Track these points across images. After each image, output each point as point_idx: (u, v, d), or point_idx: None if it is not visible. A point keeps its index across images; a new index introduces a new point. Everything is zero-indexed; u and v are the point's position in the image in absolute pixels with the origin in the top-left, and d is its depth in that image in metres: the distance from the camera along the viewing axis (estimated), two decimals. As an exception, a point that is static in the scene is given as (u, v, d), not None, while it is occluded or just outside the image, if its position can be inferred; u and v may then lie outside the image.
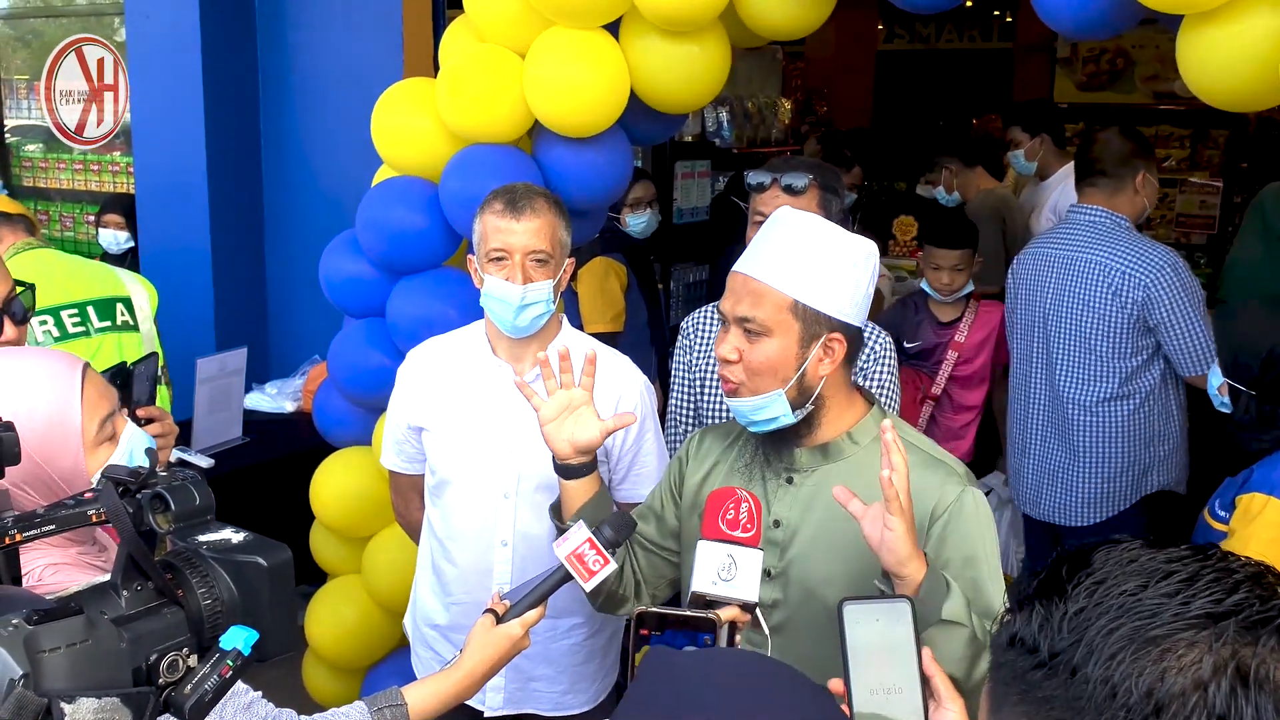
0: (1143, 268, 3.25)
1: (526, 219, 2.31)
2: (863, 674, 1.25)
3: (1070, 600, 0.82)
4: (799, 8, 2.84)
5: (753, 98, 7.08)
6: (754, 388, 1.74)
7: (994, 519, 1.80)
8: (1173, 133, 7.49)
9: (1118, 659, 0.77)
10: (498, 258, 2.33)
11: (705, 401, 2.78)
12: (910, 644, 1.27)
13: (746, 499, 1.61)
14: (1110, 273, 3.29)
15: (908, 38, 9.68)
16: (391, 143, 3.23)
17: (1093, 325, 3.34)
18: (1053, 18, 2.60)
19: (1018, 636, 0.85)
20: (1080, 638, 0.80)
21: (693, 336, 2.83)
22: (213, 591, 1.12)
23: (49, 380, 1.47)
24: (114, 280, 3.50)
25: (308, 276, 3.84)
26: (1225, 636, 0.76)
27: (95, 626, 1.01)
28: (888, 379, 2.63)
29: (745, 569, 1.56)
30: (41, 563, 1.40)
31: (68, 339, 3.31)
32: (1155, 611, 0.78)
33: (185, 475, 1.12)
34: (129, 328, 3.47)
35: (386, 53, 4.42)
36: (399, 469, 2.62)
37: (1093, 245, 3.37)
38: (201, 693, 1.07)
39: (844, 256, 1.74)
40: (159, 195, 4.90)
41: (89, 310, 3.39)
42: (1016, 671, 0.84)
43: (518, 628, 1.76)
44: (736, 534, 1.59)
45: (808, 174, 2.57)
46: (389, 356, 3.12)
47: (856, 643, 1.26)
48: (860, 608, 1.28)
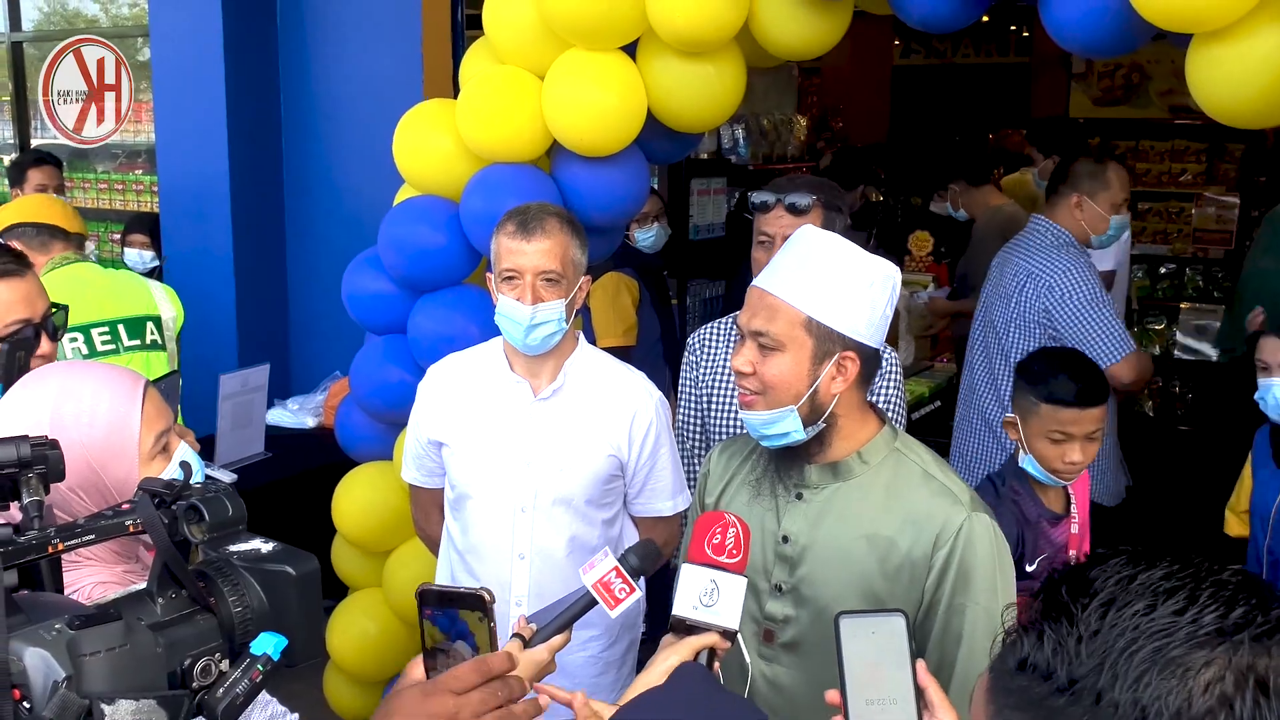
0: (1048, 269, 3.40)
1: (537, 240, 2.36)
2: (859, 686, 1.28)
3: (1081, 623, 0.83)
4: (813, 28, 2.87)
5: (768, 115, 7.11)
6: (767, 402, 1.76)
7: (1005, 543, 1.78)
8: (1189, 147, 7.48)
9: (1144, 681, 0.79)
10: (509, 277, 2.38)
11: (712, 416, 2.80)
12: (905, 656, 1.29)
13: (735, 524, 1.57)
14: (1022, 274, 3.46)
15: (924, 53, 9.68)
16: (413, 162, 3.29)
17: (1013, 325, 3.48)
18: (1064, 37, 2.63)
19: (1029, 661, 0.85)
20: (1101, 662, 0.80)
21: (699, 352, 2.85)
22: (244, 599, 1.15)
23: (113, 392, 1.54)
24: (147, 297, 3.55)
25: (329, 294, 3.90)
26: (1240, 650, 0.78)
27: (133, 632, 1.05)
28: (895, 396, 2.65)
29: (728, 595, 1.53)
30: (91, 580, 1.46)
31: (96, 357, 3.36)
32: (1169, 631, 0.80)
33: (219, 487, 1.16)
34: (157, 346, 3.52)
35: (407, 73, 4.47)
36: (419, 483, 2.66)
37: (1025, 251, 3.54)
38: (233, 696, 1.10)
39: (862, 276, 1.75)
40: (183, 214, 4.97)
41: (119, 328, 3.44)
42: (1032, 698, 0.84)
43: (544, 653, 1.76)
44: (722, 559, 1.55)
45: (811, 194, 2.59)
46: (410, 372, 3.17)
47: (852, 655, 1.29)
48: (856, 621, 1.31)
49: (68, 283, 3.39)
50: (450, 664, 1.19)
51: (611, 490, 2.46)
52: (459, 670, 1.15)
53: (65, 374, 1.58)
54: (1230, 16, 2.29)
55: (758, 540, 1.84)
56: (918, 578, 1.73)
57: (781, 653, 1.82)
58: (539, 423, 2.43)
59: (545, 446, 2.42)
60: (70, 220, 3.68)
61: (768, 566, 1.83)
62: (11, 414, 1.50)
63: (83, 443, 1.45)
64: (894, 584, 1.74)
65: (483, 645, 1.18)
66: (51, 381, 1.55)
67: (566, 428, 2.43)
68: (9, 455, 1.15)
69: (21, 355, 2.18)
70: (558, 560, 2.40)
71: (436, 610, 1.20)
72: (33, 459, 1.16)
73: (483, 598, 1.17)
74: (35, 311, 2.25)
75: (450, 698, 1.13)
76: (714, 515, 1.61)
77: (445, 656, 1.19)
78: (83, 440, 1.45)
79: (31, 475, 1.15)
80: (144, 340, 3.49)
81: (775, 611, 1.83)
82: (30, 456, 1.16)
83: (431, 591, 1.20)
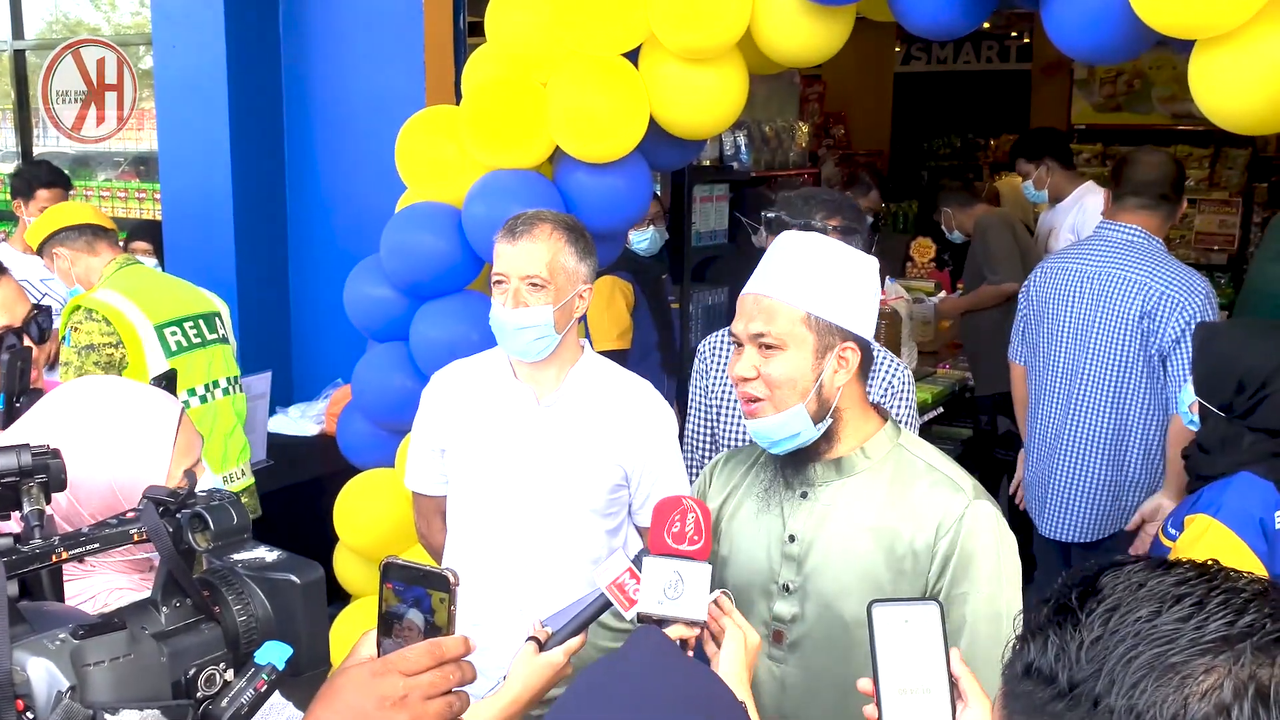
0: (1179, 289, 3.23)
1: (522, 243, 2.35)
2: (892, 675, 1.28)
3: (1085, 629, 0.82)
4: (815, 35, 2.88)
5: (770, 121, 7.10)
6: (775, 403, 1.76)
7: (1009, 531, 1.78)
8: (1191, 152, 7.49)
9: (1140, 687, 0.78)
10: (498, 281, 2.39)
11: (722, 426, 2.79)
12: (939, 645, 1.29)
13: (694, 509, 1.57)
14: (1148, 292, 3.26)
15: (926, 60, 9.70)
16: (415, 169, 3.29)
17: (1124, 341, 3.31)
18: (1066, 43, 2.64)
19: (1034, 666, 0.84)
20: (1100, 667, 0.80)
21: (710, 360, 2.83)
22: (248, 608, 1.15)
23: (148, 424, 1.49)
24: (205, 295, 3.62)
25: (331, 300, 3.89)
26: (1243, 659, 0.77)
27: (137, 641, 1.04)
28: (906, 412, 2.64)
29: (692, 585, 1.54)
30: (107, 587, 1.44)
31: (192, 349, 3.40)
32: (1172, 637, 0.79)
33: (223, 495, 1.15)
34: (225, 340, 3.58)
35: (409, 81, 4.47)
36: (422, 490, 2.65)
37: (1127, 262, 3.33)
38: (238, 706, 1.09)
39: (850, 269, 1.78)
40: (185, 222, 4.97)
41: (201, 323, 3.49)
42: (1035, 703, 0.83)
43: (560, 655, 1.75)
44: (683, 547, 1.56)
45: (829, 219, 2.55)
46: (412, 379, 3.16)
47: (886, 644, 1.29)
48: (890, 609, 1.31)
49: (144, 284, 3.44)
50: (403, 634, 1.17)
51: (616, 500, 2.45)
52: (410, 651, 1.13)
53: (101, 395, 1.53)
54: (1233, 22, 2.30)
55: (764, 544, 1.84)
56: (921, 568, 1.74)
57: (790, 653, 1.83)
58: (542, 430, 2.42)
59: (548, 454, 2.42)
60: (104, 220, 3.70)
61: (774, 568, 1.83)
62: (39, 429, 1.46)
63: (111, 473, 1.41)
64: (899, 576, 1.75)
65: (441, 624, 1.16)
66: (86, 401, 1.50)
67: (570, 436, 2.42)
68: (10, 464, 1.13)
69: (20, 364, 2.17)
70: (561, 569, 2.39)
71: (399, 584, 1.19)
72: (34, 468, 1.14)
73: (447, 578, 1.16)
74: (15, 317, 2.23)
75: (400, 679, 1.10)
76: (671, 501, 1.60)
77: (399, 624, 1.18)
78: (112, 470, 1.41)
79: (33, 484, 1.14)
80: (218, 334, 3.53)
81: (784, 612, 1.83)
82: (31, 465, 1.14)
83: (395, 565, 1.19)
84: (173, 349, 3.34)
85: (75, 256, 3.48)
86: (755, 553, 1.85)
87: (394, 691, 1.10)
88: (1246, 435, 2.51)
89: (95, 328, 3.22)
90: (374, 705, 1.10)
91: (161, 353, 3.30)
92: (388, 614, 1.19)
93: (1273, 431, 2.49)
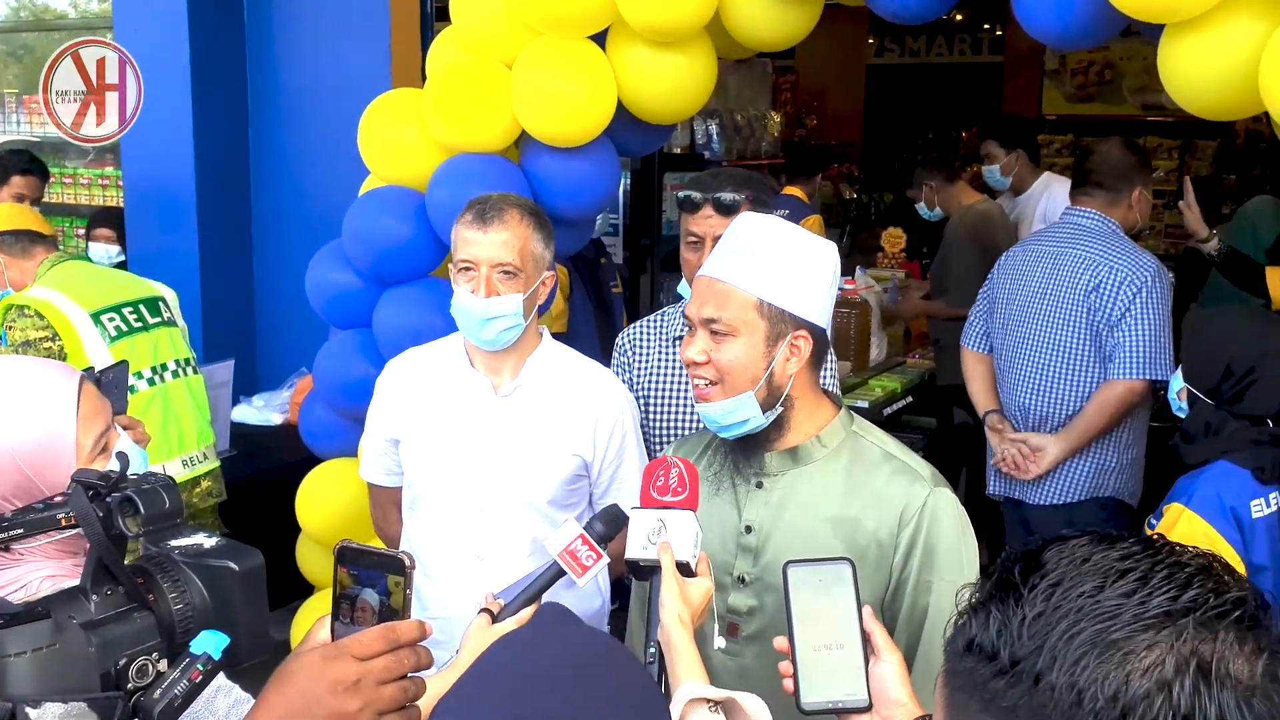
0: (1127, 264, 3.28)
1: (494, 230, 2.28)
2: (807, 632, 1.34)
3: (1027, 604, 0.80)
4: (784, 19, 2.85)
5: (742, 110, 7.10)
6: (724, 389, 1.74)
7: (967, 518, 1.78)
8: (1161, 144, 7.53)
9: (1081, 664, 0.77)
10: (465, 268, 2.32)
11: (650, 421, 2.67)
12: (851, 602, 1.35)
13: (677, 464, 1.62)
14: (1096, 267, 3.31)
15: (898, 51, 9.72)
16: (378, 153, 3.24)
17: (1076, 318, 3.36)
18: (1036, 27, 2.62)
19: (975, 642, 0.83)
20: (1042, 644, 0.78)
21: (630, 354, 2.71)
22: (184, 596, 1.11)
23: (44, 392, 1.41)
24: (145, 282, 3.62)
25: (296, 288, 3.84)
26: (1185, 634, 0.76)
27: (63, 630, 1.00)
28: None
29: (676, 529, 1.58)
30: (39, 574, 1.35)
31: (134, 333, 3.38)
32: (1115, 613, 0.78)
33: (155, 479, 1.11)
34: (173, 323, 3.56)
35: (374, 64, 4.43)
36: (377, 481, 2.59)
37: (1081, 242, 3.40)
38: (171, 697, 1.06)
39: (806, 256, 1.75)
40: (147, 208, 4.90)
41: (141, 308, 3.47)
42: (976, 680, 0.82)
43: (512, 626, 1.74)
44: (667, 499, 1.60)
45: (738, 190, 2.48)
46: (375, 367, 3.09)
47: (800, 603, 1.35)
48: (804, 569, 1.36)
49: (75, 276, 3.44)
50: (356, 617, 1.14)
51: (576, 490, 2.41)
52: (365, 635, 1.10)
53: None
54: (1201, 7, 2.29)
55: (718, 535, 1.81)
56: (884, 558, 1.73)
57: (746, 645, 1.80)
58: (499, 421, 2.37)
59: (505, 445, 2.37)
60: (44, 226, 3.76)
61: (729, 560, 1.81)
62: None
63: (12, 447, 1.33)
64: (861, 565, 1.71)
65: (397, 608, 1.14)
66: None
67: (528, 426, 2.37)
68: None
69: None
70: (519, 562, 2.33)
71: (354, 567, 1.16)
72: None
73: (402, 561, 1.14)
74: None
75: (354, 664, 1.08)
76: (657, 461, 1.66)
77: (350, 605, 1.15)
78: (12, 445, 1.34)
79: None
80: (163, 317, 3.52)
81: (739, 604, 1.80)
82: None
83: (350, 548, 1.16)
84: (112, 334, 3.30)
85: (10, 261, 3.51)
86: (709, 544, 1.81)
87: (347, 676, 1.07)
88: (1230, 422, 2.54)
89: (29, 323, 3.21)
90: (327, 690, 1.07)
91: (101, 340, 3.26)
92: (342, 597, 1.16)
93: (1256, 419, 2.52)
